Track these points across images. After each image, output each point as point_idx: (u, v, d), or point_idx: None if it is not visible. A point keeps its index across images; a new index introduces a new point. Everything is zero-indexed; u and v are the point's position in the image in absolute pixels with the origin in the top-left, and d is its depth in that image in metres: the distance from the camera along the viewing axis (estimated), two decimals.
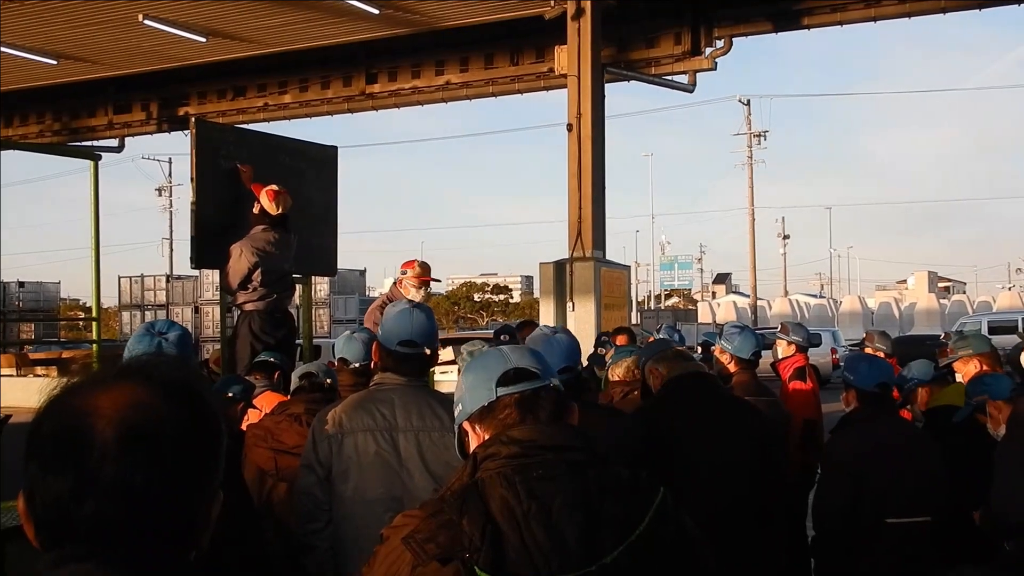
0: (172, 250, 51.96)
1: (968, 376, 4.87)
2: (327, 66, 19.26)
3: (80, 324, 42.34)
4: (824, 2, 15.77)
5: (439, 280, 7.15)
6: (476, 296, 66.69)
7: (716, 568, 1.75)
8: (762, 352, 5.31)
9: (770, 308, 51.17)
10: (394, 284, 7.01)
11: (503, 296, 68.41)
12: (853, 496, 3.85)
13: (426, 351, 3.29)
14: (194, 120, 7.70)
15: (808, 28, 16.20)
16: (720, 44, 16.50)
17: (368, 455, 3.15)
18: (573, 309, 13.53)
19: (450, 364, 10.56)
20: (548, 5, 14.65)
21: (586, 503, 1.62)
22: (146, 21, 15.96)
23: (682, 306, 57.44)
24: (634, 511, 1.64)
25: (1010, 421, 3.94)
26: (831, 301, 56.13)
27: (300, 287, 8.30)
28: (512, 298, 72.38)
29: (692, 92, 16.81)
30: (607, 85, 15.21)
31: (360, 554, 2.76)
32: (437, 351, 3.40)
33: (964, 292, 68.33)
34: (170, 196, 55.85)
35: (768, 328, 23.82)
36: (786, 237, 61.29)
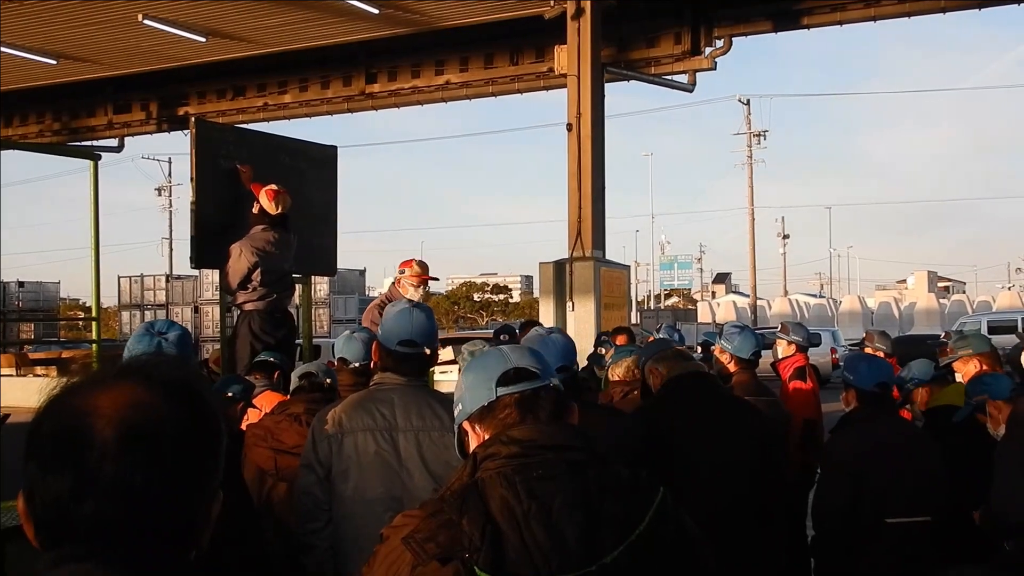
0: (172, 250, 52.00)
1: (968, 376, 4.87)
2: (327, 66, 19.25)
3: (80, 324, 42.39)
4: (824, 2, 15.77)
5: (437, 279, 7.15)
6: (476, 296, 66.72)
7: (716, 568, 1.75)
8: (762, 352, 5.31)
9: (770, 308, 51.18)
10: (393, 284, 7.01)
11: (503, 296, 68.45)
12: (853, 496, 3.85)
13: (426, 351, 3.29)
14: (194, 120, 7.71)
15: (808, 28, 16.21)
16: (720, 44, 16.50)
17: (368, 455, 3.15)
18: (573, 309, 13.52)
19: (450, 364, 10.56)
20: (548, 5, 14.64)
21: (586, 503, 1.62)
22: (146, 21, 15.95)
23: (682, 306, 57.42)
24: (634, 511, 1.64)
25: (1010, 421, 3.94)
26: (831, 301, 56.13)
27: (300, 287, 8.30)
28: (512, 298, 72.40)
29: (692, 92, 16.82)
30: (607, 85, 15.20)
31: (360, 554, 2.76)
32: (437, 351, 3.40)
33: (964, 292, 68.29)
34: (170, 196, 55.98)
35: (768, 328, 23.82)
36: (786, 237, 61.31)
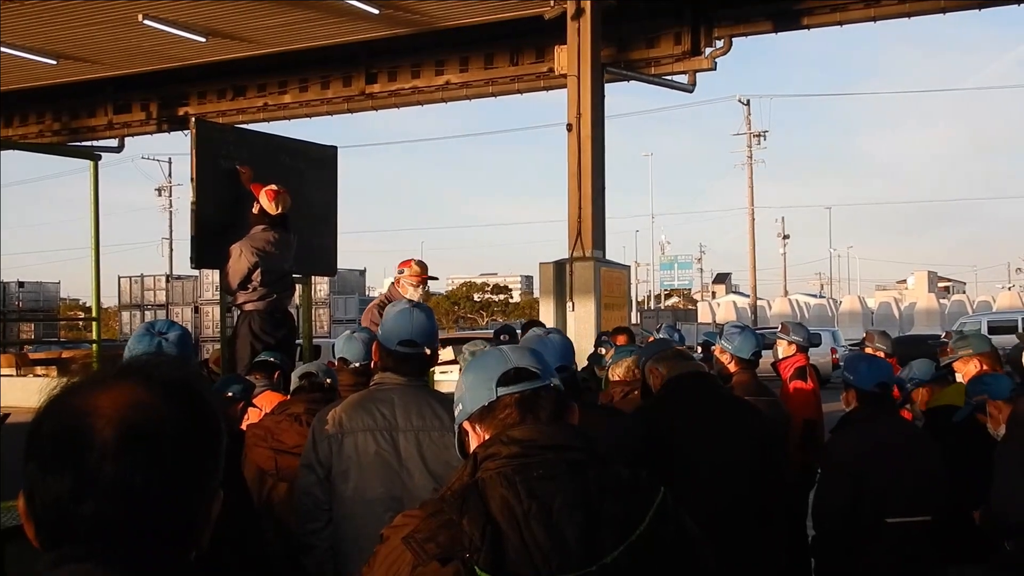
0: (172, 250, 52.01)
1: (968, 376, 4.87)
2: (327, 66, 19.25)
3: (80, 324, 42.38)
4: (824, 2, 15.76)
5: (436, 278, 7.15)
6: (476, 296, 66.73)
7: (716, 568, 1.75)
8: (762, 352, 5.31)
9: (770, 308, 51.18)
10: (392, 284, 7.02)
11: (503, 296, 68.46)
12: (853, 496, 3.85)
13: (426, 351, 3.29)
14: (194, 120, 7.71)
15: (808, 28, 16.20)
16: (720, 44, 16.49)
17: (368, 455, 3.15)
18: (573, 309, 13.52)
19: (450, 364, 10.56)
20: (548, 5, 14.64)
21: (586, 503, 1.62)
22: (146, 21, 15.95)
23: (682, 306, 57.42)
24: (634, 511, 1.64)
25: (1010, 421, 3.95)
26: (831, 301, 56.14)
27: (300, 287, 8.30)
28: (512, 298, 72.41)
29: (692, 92, 16.81)
30: (607, 85, 15.19)
31: (360, 554, 2.76)
32: (437, 351, 3.40)
33: (964, 292, 68.29)
34: (170, 196, 55.98)
35: (768, 328, 23.82)
36: (786, 237, 61.32)
